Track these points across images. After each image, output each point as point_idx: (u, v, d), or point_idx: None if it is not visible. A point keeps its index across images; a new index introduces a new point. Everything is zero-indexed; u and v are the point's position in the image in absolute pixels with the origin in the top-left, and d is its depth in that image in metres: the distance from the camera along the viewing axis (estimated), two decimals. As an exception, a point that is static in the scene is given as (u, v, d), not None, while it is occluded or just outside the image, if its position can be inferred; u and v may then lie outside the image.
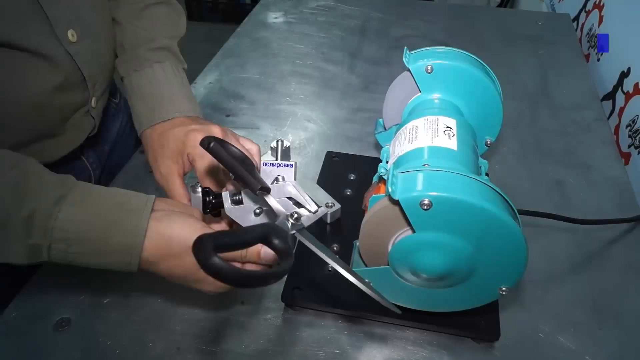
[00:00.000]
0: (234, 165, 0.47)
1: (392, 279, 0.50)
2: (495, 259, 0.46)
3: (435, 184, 0.43)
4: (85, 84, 0.62)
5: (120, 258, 0.44)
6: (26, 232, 0.42)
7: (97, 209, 0.45)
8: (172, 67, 0.65)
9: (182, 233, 0.45)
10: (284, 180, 0.52)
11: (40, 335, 0.55)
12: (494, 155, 0.79)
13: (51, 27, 0.55)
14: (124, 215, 0.45)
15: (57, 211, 0.43)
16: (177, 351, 0.54)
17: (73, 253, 0.44)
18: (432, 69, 0.57)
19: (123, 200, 0.46)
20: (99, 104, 0.67)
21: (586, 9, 1.19)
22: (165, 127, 0.59)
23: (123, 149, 0.82)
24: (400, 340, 0.55)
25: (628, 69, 0.91)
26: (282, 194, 0.49)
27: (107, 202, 0.46)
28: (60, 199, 0.43)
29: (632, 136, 0.85)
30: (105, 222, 0.44)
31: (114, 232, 0.44)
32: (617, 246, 0.66)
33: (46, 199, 0.43)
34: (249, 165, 0.49)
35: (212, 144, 0.47)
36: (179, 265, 0.46)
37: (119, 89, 0.83)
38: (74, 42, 0.58)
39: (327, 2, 1.25)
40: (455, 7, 1.27)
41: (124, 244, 0.44)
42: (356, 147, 0.81)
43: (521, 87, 0.96)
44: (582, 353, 0.54)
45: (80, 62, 0.59)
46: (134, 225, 0.44)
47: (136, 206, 0.45)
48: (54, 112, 0.60)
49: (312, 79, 0.98)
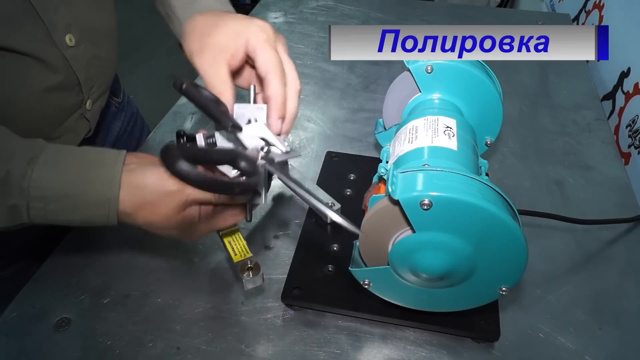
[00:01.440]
0: (207, 105, 0.47)
1: (392, 279, 0.50)
2: (495, 259, 0.46)
3: (435, 184, 0.43)
4: (80, 87, 0.61)
5: (98, 211, 0.45)
6: (3, 193, 0.43)
7: (70, 167, 0.46)
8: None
9: (156, 181, 0.46)
10: (256, 121, 0.50)
11: (40, 335, 0.55)
12: (494, 155, 0.79)
13: (47, 31, 0.55)
14: (98, 169, 0.46)
15: (30, 171, 0.44)
16: (177, 351, 0.54)
17: (52, 211, 0.45)
18: (432, 69, 0.57)
19: (95, 157, 0.47)
20: (95, 106, 0.66)
21: (586, 9, 1.19)
22: (219, 14, 0.52)
23: (123, 148, 0.82)
24: (400, 340, 0.55)
25: (628, 69, 0.91)
26: (254, 134, 0.49)
27: (79, 159, 0.47)
28: (32, 160, 0.44)
29: (632, 136, 0.85)
30: (79, 177, 0.45)
31: (89, 186, 0.45)
32: (617, 246, 0.66)
33: (19, 160, 0.44)
34: (222, 107, 0.48)
35: (185, 85, 0.45)
36: (156, 212, 0.47)
37: (122, 88, 0.83)
38: (71, 46, 0.58)
39: (327, 2, 1.25)
40: (455, 7, 1.28)
41: (100, 197, 0.45)
42: (356, 147, 0.81)
43: (521, 87, 0.96)
44: (582, 353, 0.54)
45: (76, 66, 0.59)
46: (108, 179, 0.45)
47: (109, 160, 0.46)
48: (47, 115, 0.59)
49: (312, 79, 0.98)
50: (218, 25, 0.50)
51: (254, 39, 0.48)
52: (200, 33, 0.50)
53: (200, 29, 0.51)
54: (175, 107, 0.91)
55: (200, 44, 0.50)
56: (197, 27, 0.51)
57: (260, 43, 0.48)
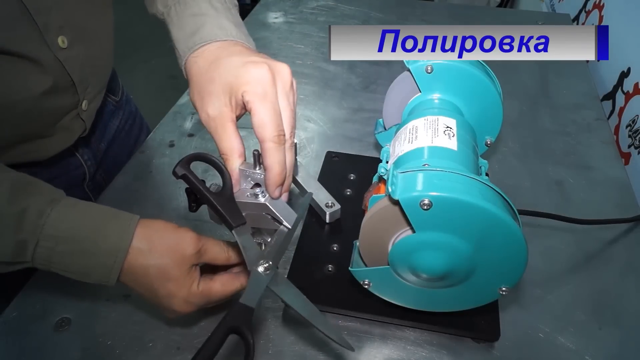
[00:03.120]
0: (209, 200, 0.46)
1: (392, 279, 0.50)
2: (495, 259, 0.46)
3: (435, 184, 0.43)
4: (75, 88, 0.61)
5: (104, 259, 0.45)
6: (17, 226, 0.43)
7: (88, 212, 0.47)
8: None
9: (169, 230, 0.48)
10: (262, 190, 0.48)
11: (40, 335, 0.55)
12: (494, 155, 0.79)
13: (40, 33, 0.54)
14: (113, 218, 0.47)
15: (49, 209, 0.44)
16: (177, 351, 0.54)
17: (59, 253, 0.45)
18: (432, 69, 0.57)
19: (112, 211, 0.48)
20: (91, 106, 0.66)
21: (586, 9, 1.19)
22: (217, 53, 0.49)
23: (121, 147, 0.82)
24: (400, 340, 0.55)
25: (628, 69, 0.91)
26: (259, 210, 0.48)
27: (97, 208, 0.48)
28: (53, 201, 0.45)
29: (632, 136, 0.85)
30: (96, 223, 0.46)
31: (103, 232, 0.45)
32: (617, 246, 0.66)
33: (40, 199, 0.45)
34: (226, 196, 0.46)
35: (184, 174, 0.45)
36: (166, 266, 0.47)
37: (121, 86, 0.83)
38: (64, 48, 0.57)
39: (327, 2, 1.25)
40: (455, 7, 1.28)
41: (112, 245, 0.45)
42: (356, 147, 0.81)
43: (521, 87, 0.96)
44: (582, 353, 0.54)
45: (70, 67, 0.59)
46: (124, 226, 0.46)
47: (125, 215, 0.48)
48: (43, 116, 0.59)
49: (312, 79, 0.98)
50: (214, 80, 0.47)
51: (248, 95, 0.45)
52: (197, 87, 0.49)
53: (197, 82, 0.49)
54: (175, 107, 0.91)
55: (201, 101, 0.48)
56: (194, 77, 0.49)
57: (255, 101, 0.44)
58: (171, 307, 0.49)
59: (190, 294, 0.48)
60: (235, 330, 0.41)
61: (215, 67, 0.47)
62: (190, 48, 0.50)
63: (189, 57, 0.51)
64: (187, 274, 0.48)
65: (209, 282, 0.49)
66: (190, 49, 0.50)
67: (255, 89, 0.44)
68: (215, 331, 0.41)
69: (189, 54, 0.51)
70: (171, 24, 0.55)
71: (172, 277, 0.47)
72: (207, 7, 0.53)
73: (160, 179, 0.76)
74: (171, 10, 0.55)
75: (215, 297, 0.50)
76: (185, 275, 0.48)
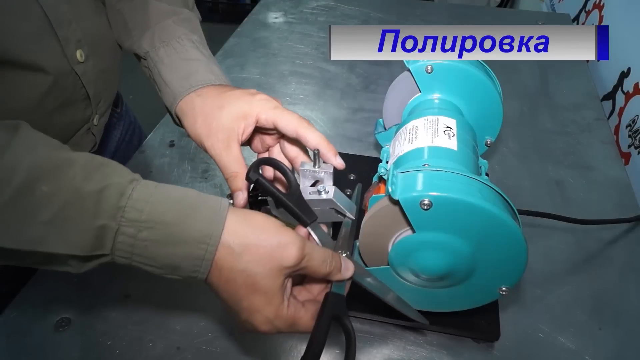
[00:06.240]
0: (283, 201, 0.46)
1: (392, 279, 0.50)
2: (495, 259, 0.46)
3: (435, 184, 0.43)
4: (89, 101, 0.61)
5: (195, 248, 0.38)
6: (95, 210, 0.37)
7: (172, 194, 0.40)
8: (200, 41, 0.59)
9: (266, 231, 0.41)
10: (324, 187, 0.50)
11: (40, 335, 0.55)
12: (494, 155, 0.79)
13: (61, 46, 0.54)
14: (202, 202, 0.40)
15: (130, 189, 0.38)
16: (177, 351, 0.54)
17: (141, 240, 0.38)
18: (432, 69, 0.57)
19: (197, 194, 0.41)
20: (101, 120, 0.66)
21: (586, 9, 1.19)
22: (219, 90, 0.52)
23: (123, 158, 0.82)
24: (400, 340, 0.55)
25: (628, 69, 0.91)
26: (325, 205, 0.50)
27: (181, 191, 0.41)
28: (134, 180, 0.39)
29: (632, 136, 0.85)
30: (182, 206, 0.39)
31: (191, 216, 0.39)
32: (617, 246, 0.66)
33: (120, 177, 0.39)
34: (295, 196, 0.47)
35: (258, 179, 0.45)
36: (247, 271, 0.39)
37: (121, 98, 0.83)
38: (81, 62, 0.57)
39: (327, 2, 1.25)
40: (455, 7, 1.28)
41: (203, 230, 0.39)
42: (356, 147, 0.81)
43: (521, 87, 0.96)
44: (582, 353, 0.54)
45: (87, 80, 0.58)
46: (212, 213, 0.40)
47: (212, 199, 0.41)
48: (56, 131, 0.58)
49: (312, 79, 0.98)
50: (223, 107, 0.50)
51: (265, 113, 0.49)
52: (203, 115, 0.50)
53: (202, 111, 0.50)
54: (175, 107, 0.91)
55: (208, 127, 0.49)
56: (198, 109, 0.51)
57: (274, 112, 0.49)
58: (252, 324, 0.41)
59: (278, 316, 0.41)
60: (336, 318, 0.42)
61: (223, 100, 0.50)
62: (187, 89, 0.53)
63: (188, 95, 0.53)
64: (279, 288, 0.40)
65: (300, 308, 0.42)
66: (187, 90, 0.53)
67: (268, 106, 0.49)
68: (320, 322, 0.42)
69: (186, 94, 0.53)
70: (160, 64, 0.56)
71: (261, 289, 0.40)
72: (197, 53, 0.57)
73: (160, 179, 0.75)
74: (159, 51, 0.57)
75: (301, 329, 0.42)
76: (277, 290, 0.40)
